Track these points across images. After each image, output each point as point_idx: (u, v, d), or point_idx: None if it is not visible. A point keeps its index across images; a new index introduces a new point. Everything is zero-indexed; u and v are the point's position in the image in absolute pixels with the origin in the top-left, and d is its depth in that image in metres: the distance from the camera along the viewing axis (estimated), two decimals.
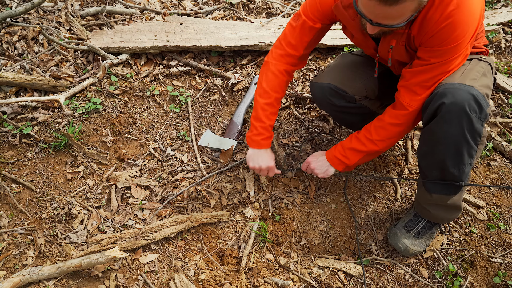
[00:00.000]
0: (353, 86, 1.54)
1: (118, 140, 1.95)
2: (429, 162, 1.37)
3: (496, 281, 1.48)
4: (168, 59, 2.33)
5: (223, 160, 1.88)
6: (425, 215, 1.52)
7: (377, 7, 1.03)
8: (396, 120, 1.35)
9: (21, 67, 2.15)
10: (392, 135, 1.39)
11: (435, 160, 1.32)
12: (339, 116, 1.73)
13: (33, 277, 1.41)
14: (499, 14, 2.74)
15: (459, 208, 1.45)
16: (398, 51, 1.31)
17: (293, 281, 1.49)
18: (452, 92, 1.17)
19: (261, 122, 1.53)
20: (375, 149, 1.42)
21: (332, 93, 1.54)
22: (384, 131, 1.39)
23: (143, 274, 1.49)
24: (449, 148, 1.25)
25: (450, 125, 1.20)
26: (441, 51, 1.18)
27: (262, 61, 2.37)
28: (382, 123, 1.39)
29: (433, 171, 1.36)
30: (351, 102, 1.57)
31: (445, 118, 1.20)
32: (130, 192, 1.75)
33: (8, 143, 1.84)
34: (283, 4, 2.90)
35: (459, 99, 1.15)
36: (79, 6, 2.61)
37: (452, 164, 1.28)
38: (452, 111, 1.17)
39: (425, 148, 1.35)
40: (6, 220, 1.62)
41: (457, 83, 1.19)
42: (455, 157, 1.27)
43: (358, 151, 1.45)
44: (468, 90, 1.16)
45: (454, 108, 1.16)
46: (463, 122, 1.17)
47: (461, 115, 1.17)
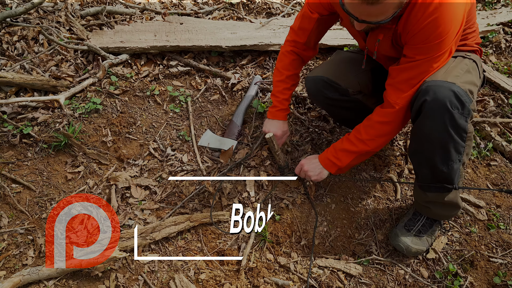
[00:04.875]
0: (346, 79, 1.57)
1: (118, 140, 1.95)
2: (419, 160, 1.39)
3: (496, 281, 1.48)
4: (168, 59, 2.33)
5: (223, 160, 1.87)
6: (425, 212, 1.53)
7: (360, 6, 1.10)
8: (384, 118, 1.38)
9: (21, 67, 2.15)
10: (381, 133, 1.41)
11: (424, 157, 1.34)
12: (334, 111, 1.75)
13: (33, 277, 1.41)
14: (499, 14, 2.74)
15: (457, 205, 1.46)
16: (384, 45, 1.36)
17: (293, 281, 1.49)
18: (434, 89, 1.20)
19: (275, 97, 1.72)
20: (366, 149, 1.44)
21: (325, 85, 1.57)
22: (373, 130, 1.41)
23: (143, 274, 1.49)
24: (435, 145, 1.27)
25: (433, 121, 1.22)
26: (425, 48, 1.21)
27: (262, 61, 2.38)
28: (371, 122, 1.42)
29: (423, 169, 1.38)
30: (344, 95, 1.59)
31: (428, 115, 1.23)
32: (130, 192, 1.75)
33: (8, 143, 1.84)
34: (283, 4, 2.90)
35: (440, 96, 1.18)
36: (79, 6, 2.61)
37: (440, 161, 1.30)
38: (434, 107, 1.20)
39: (414, 146, 1.38)
40: (6, 220, 1.62)
41: (439, 81, 1.22)
42: (442, 154, 1.29)
43: (349, 151, 1.47)
44: (449, 87, 1.18)
45: (435, 105, 1.19)
46: (445, 118, 1.20)
47: (443, 112, 1.19)
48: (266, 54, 2.40)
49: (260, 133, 2.02)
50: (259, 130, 2.04)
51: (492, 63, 2.46)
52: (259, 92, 2.19)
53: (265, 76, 2.29)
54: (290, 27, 1.67)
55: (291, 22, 2.56)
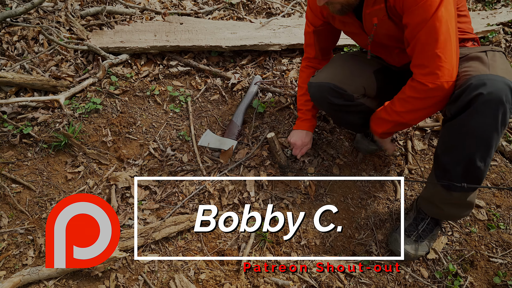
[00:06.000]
0: (352, 84, 1.55)
1: (118, 140, 1.95)
2: (456, 158, 1.30)
3: (496, 281, 1.48)
4: (168, 59, 2.33)
5: (223, 160, 1.88)
6: (434, 214, 1.49)
7: None
8: (417, 94, 1.31)
9: (21, 67, 2.15)
10: (416, 107, 1.34)
11: (463, 154, 1.27)
12: (338, 115, 1.73)
13: (33, 277, 1.42)
14: (499, 14, 2.74)
15: (472, 205, 1.42)
16: (383, 25, 1.34)
17: (293, 281, 1.49)
18: (490, 83, 1.14)
19: (299, 110, 1.81)
20: (401, 120, 1.40)
21: (331, 92, 1.54)
22: (407, 104, 1.36)
23: (143, 274, 1.49)
24: (480, 141, 1.21)
25: (485, 116, 1.16)
26: (418, 8, 1.18)
27: (262, 61, 2.38)
28: (404, 96, 1.36)
29: (457, 167, 1.31)
30: (349, 101, 1.58)
31: (480, 109, 1.16)
32: (130, 192, 1.75)
33: (8, 143, 1.84)
34: (283, 4, 2.90)
35: (497, 89, 1.12)
36: (79, 6, 2.61)
37: (480, 157, 1.24)
38: (490, 101, 1.13)
39: (451, 142, 1.29)
40: (6, 220, 1.62)
41: (491, 74, 1.16)
42: (484, 150, 1.23)
43: (385, 120, 1.47)
44: (504, 81, 1.13)
45: (492, 98, 1.13)
46: (499, 113, 1.15)
47: (498, 106, 1.14)
48: (266, 54, 2.40)
49: (260, 133, 2.02)
50: (259, 130, 2.04)
51: None
52: (259, 92, 2.19)
53: (265, 76, 2.29)
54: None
55: (291, 22, 2.56)
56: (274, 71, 2.32)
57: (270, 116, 2.10)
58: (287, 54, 2.44)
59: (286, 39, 2.36)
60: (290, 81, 2.24)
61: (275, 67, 2.35)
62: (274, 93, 2.19)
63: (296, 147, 1.77)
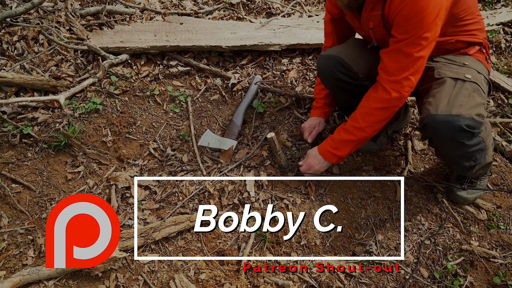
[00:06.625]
0: (359, 63, 1.58)
1: (118, 140, 1.95)
2: (449, 162, 1.58)
3: (496, 281, 1.48)
4: (168, 59, 2.33)
5: (223, 160, 1.87)
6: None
7: None
8: (381, 104, 1.41)
9: (21, 67, 2.15)
10: (380, 119, 1.45)
11: (451, 162, 1.54)
12: (340, 94, 1.74)
13: (33, 277, 1.42)
14: (499, 14, 2.74)
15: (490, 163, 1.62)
16: (378, 30, 1.42)
17: (293, 281, 1.49)
18: (439, 126, 1.27)
19: (314, 99, 1.91)
20: (365, 136, 1.49)
21: (337, 65, 1.58)
22: (371, 117, 1.45)
23: (143, 274, 1.49)
24: (455, 159, 1.45)
25: (448, 149, 1.37)
26: (407, 26, 1.24)
27: (262, 61, 2.38)
28: (368, 109, 1.45)
29: (455, 166, 1.56)
30: (354, 79, 1.60)
31: (440, 146, 1.38)
32: (130, 192, 1.75)
33: (8, 143, 1.84)
34: (283, 4, 2.90)
35: (446, 134, 1.28)
36: (79, 6, 2.61)
37: (465, 160, 1.44)
38: (445, 141, 1.31)
39: (438, 155, 1.54)
40: (6, 220, 1.62)
41: (443, 115, 1.26)
42: (464, 159, 1.44)
43: (348, 141, 1.53)
44: (454, 122, 1.24)
45: (444, 140, 1.31)
46: (457, 148, 1.34)
47: (453, 144, 1.32)
48: (266, 54, 2.40)
49: (260, 133, 2.02)
50: (259, 130, 2.04)
51: (492, 63, 2.46)
52: (259, 92, 2.19)
53: (265, 76, 2.29)
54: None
55: (291, 22, 2.56)
56: (274, 71, 2.32)
57: (270, 116, 2.10)
58: (287, 54, 2.44)
59: (286, 39, 2.36)
60: (290, 81, 2.24)
61: (275, 67, 2.35)
62: (274, 93, 2.19)
63: (304, 129, 1.85)
